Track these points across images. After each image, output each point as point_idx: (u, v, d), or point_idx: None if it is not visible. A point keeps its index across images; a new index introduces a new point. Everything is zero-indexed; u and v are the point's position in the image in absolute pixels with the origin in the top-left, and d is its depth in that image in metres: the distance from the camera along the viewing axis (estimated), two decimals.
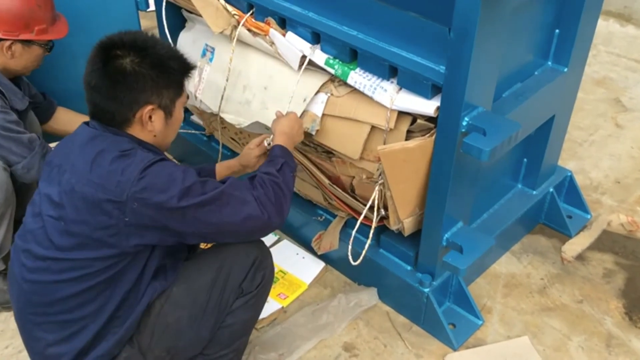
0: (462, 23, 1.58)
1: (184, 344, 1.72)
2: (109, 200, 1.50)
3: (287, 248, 2.46)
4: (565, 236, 2.52)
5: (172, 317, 1.68)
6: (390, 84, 1.86)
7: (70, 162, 1.59)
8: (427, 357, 2.08)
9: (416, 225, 2.05)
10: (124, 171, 1.51)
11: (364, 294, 2.24)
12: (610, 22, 4.05)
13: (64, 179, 1.58)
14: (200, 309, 1.70)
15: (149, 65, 1.58)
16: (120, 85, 1.56)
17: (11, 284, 1.70)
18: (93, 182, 1.52)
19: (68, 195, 1.55)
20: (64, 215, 1.56)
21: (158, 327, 1.67)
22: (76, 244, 1.56)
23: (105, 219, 1.52)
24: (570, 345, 2.12)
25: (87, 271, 1.56)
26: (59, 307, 1.60)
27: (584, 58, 2.23)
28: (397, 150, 1.84)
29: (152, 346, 1.68)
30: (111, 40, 1.60)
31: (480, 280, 2.35)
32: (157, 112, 1.62)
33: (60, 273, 1.58)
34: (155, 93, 1.60)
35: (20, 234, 1.69)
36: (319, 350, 2.10)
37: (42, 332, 1.63)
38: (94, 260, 1.56)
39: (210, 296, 1.71)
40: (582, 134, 3.11)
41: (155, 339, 1.68)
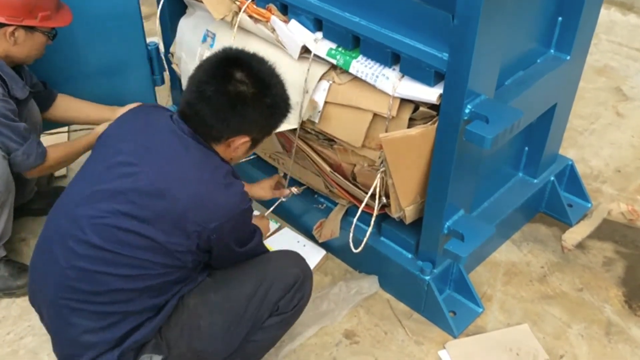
0: (465, 10, 1.57)
1: (212, 350, 1.71)
2: (197, 223, 1.53)
3: (288, 236, 2.46)
4: (565, 225, 2.52)
5: (205, 321, 1.68)
6: (393, 71, 1.85)
7: (157, 163, 1.57)
8: (427, 345, 2.09)
9: (417, 213, 2.05)
10: (226, 203, 1.56)
11: (365, 281, 2.25)
12: (612, 10, 4.03)
13: (143, 177, 1.55)
14: (235, 318, 1.70)
15: (267, 105, 1.62)
16: (235, 111, 1.58)
17: (46, 265, 1.64)
18: (189, 200, 1.53)
19: (151, 199, 1.53)
20: (140, 216, 1.53)
21: (189, 326, 1.67)
22: (144, 246, 1.54)
23: (183, 237, 1.54)
24: (570, 333, 2.13)
25: (146, 272, 1.56)
26: (105, 298, 1.58)
27: (586, 46, 2.22)
28: (399, 138, 1.84)
29: (179, 343, 1.67)
30: (238, 60, 1.61)
31: (481, 268, 2.36)
32: (247, 144, 1.67)
33: (116, 267, 1.55)
34: (258, 128, 1.66)
35: (65, 216, 1.62)
36: (320, 337, 2.11)
37: (80, 318, 1.60)
38: (156, 264, 1.56)
39: (248, 308, 1.71)
40: (583, 122, 3.11)
41: (185, 338, 1.67)
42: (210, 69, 1.60)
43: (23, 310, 2.18)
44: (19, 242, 2.42)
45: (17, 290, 2.21)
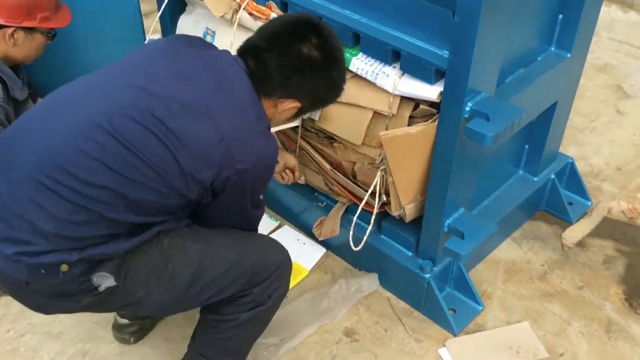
0: (466, 7, 1.57)
1: (165, 297, 1.60)
2: (226, 157, 1.44)
3: (287, 234, 2.46)
4: (565, 223, 2.52)
5: (175, 265, 1.58)
6: (393, 69, 1.85)
7: (209, 83, 1.49)
8: (427, 342, 2.09)
9: (418, 211, 2.05)
10: (261, 148, 1.51)
11: (365, 279, 2.25)
12: (613, 8, 4.02)
13: (190, 90, 1.47)
14: (203, 278, 1.61)
15: (331, 78, 1.61)
16: (301, 73, 1.55)
17: (40, 133, 1.46)
18: (229, 130, 1.45)
19: (191, 114, 1.44)
20: (172, 127, 1.42)
21: (156, 265, 1.56)
22: (162, 157, 1.42)
23: (205, 166, 1.44)
24: (570, 331, 2.13)
25: (147, 183, 1.43)
26: (91, 192, 1.41)
27: (586, 44, 2.21)
28: (399, 136, 1.84)
29: (138, 277, 1.54)
30: (318, 26, 1.57)
31: (481, 266, 2.35)
32: (294, 110, 1.64)
33: (123, 165, 1.41)
34: (312, 99, 1.63)
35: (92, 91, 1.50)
36: (320, 335, 2.11)
37: (52, 202, 1.41)
38: (162, 180, 1.44)
39: (220, 274, 1.62)
40: (584, 120, 3.11)
41: (146, 275, 1.55)
42: (288, 25, 1.57)
43: (23, 307, 2.15)
44: None
45: None
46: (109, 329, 2.10)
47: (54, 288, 1.49)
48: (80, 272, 1.47)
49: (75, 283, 1.48)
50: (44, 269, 1.44)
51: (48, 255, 1.43)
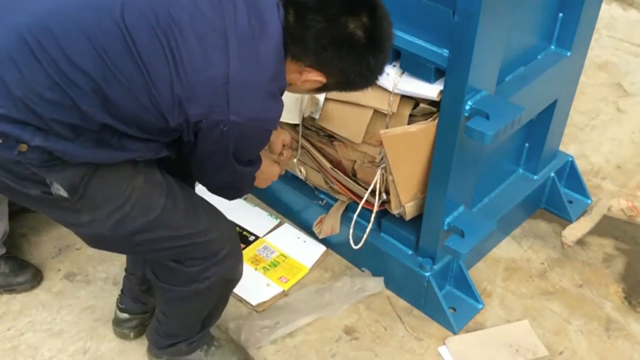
0: (466, 6, 1.57)
1: (105, 232, 1.52)
2: (221, 104, 1.34)
3: (287, 232, 2.46)
4: (565, 221, 2.52)
5: (132, 209, 1.50)
6: (393, 67, 1.85)
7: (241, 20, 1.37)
8: (427, 341, 2.10)
9: (418, 209, 2.05)
10: (264, 110, 1.39)
11: (371, 280, 2.24)
12: (613, 6, 4.02)
13: (215, 16, 1.35)
14: (150, 232, 1.55)
15: (367, 64, 1.45)
16: (338, 47, 1.41)
17: None
18: (236, 79, 1.33)
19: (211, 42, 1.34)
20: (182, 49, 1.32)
21: (114, 197, 1.48)
22: (155, 70, 1.32)
23: (197, 99, 1.34)
24: (570, 329, 2.14)
25: (132, 89, 1.33)
26: (70, 71, 1.31)
27: (587, 42, 2.21)
28: (399, 134, 1.84)
29: (91, 200, 1.47)
30: (375, 6, 1.42)
31: (481, 264, 2.36)
32: (318, 84, 1.51)
33: (110, 57, 1.31)
34: (340, 79, 1.49)
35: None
36: (320, 333, 2.11)
37: (28, 67, 1.31)
38: (147, 95, 1.34)
39: (168, 236, 1.57)
40: (584, 118, 3.11)
41: (99, 200, 1.48)
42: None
43: (23, 305, 2.19)
44: (20, 238, 2.42)
45: (17, 287, 2.21)
46: (110, 326, 2.10)
47: (6, 162, 1.38)
48: (37, 163, 1.38)
49: (29, 170, 1.40)
50: (2, 138, 1.34)
51: (10, 125, 1.33)
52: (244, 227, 2.47)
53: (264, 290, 2.22)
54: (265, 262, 2.33)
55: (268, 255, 2.36)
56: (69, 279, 2.28)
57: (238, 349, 1.97)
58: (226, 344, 1.95)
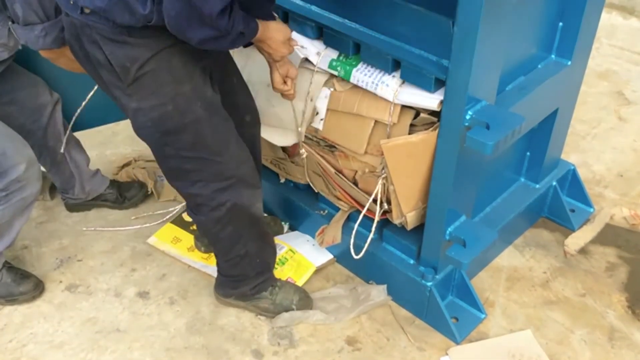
0: (466, 16, 1.57)
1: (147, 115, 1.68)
2: None
3: (298, 236, 2.48)
4: (568, 230, 2.52)
5: (173, 107, 1.67)
6: (393, 78, 1.86)
7: None
8: (429, 351, 2.09)
9: (419, 219, 2.05)
10: None
11: (374, 289, 2.23)
12: (613, 14, 4.03)
13: None
14: (180, 135, 1.71)
15: None
16: None
17: None
18: None
19: None
20: None
21: (164, 89, 1.65)
22: None
23: None
24: (573, 339, 2.13)
25: None
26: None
27: (587, 51, 2.22)
28: (400, 144, 1.84)
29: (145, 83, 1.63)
30: None
31: (483, 273, 2.35)
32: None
33: None
34: None
35: None
36: (322, 343, 2.11)
37: None
38: None
39: (194, 143, 1.73)
40: (585, 127, 3.11)
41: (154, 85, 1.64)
42: None
43: (25, 317, 2.19)
44: (21, 249, 2.42)
45: (19, 297, 2.21)
46: (110, 338, 2.10)
47: (80, 24, 1.58)
48: (102, 29, 1.55)
49: (96, 34, 1.57)
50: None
51: None
52: None
53: None
54: None
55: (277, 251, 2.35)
56: (70, 291, 2.28)
57: (298, 289, 2.19)
58: (287, 284, 2.18)
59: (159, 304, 2.22)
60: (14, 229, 2.15)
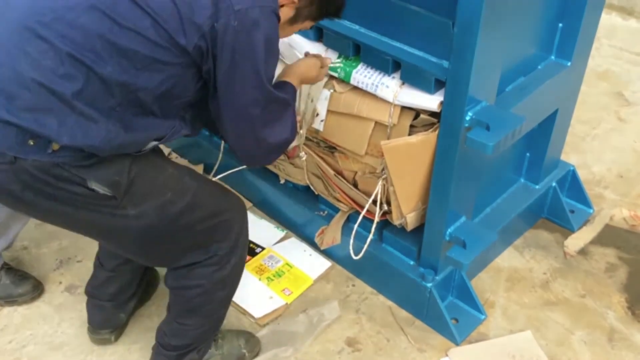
0: (465, 17, 1.57)
1: (153, 222, 1.59)
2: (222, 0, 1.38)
3: (294, 244, 2.46)
4: (567, 230, 2.52)
5: (172, 194, 1.59)
6: (393, 79, 1.86)
7: None
8: (429, 352, 2.09)
9: (419, 220, 2.05)
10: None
11: (325, 308, 2.19)
12: (613, 15, 4.03)
13: None
14: (189, 214, 1.63)
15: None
16: None
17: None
18: None
19: None
20: None
21: (155, 188, 1.57)
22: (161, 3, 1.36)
23: (200, 3, 1.38)
24: (573, 340, 2.13)
25: (138, 30, 1.36)
26: (76, 35, 1.34)
27: (587, 52, 2.22)
28: (400, 145, 1.84)
29: (136, 194, 1.54)
30: None
31: (483, 274, 2.35)
32: (289, 9, 1.56)
33: (115, 11, 1.35)
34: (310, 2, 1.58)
35: None
36: (322, 344, 2.10)
37: (36, 47, 1.34)
38: (155, 30, 1.37)
39: (202, 216, 1.66)
40: (585, 127, 3.11)
41: (143, 192, 1.55)
42: None
43: (25, 318, 2.18)
44: (21, 251, 2.42)
45: (18, 298, 2.21)
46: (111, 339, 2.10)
47: (45, 166, 1.40)
48: (73, 161, 1.41)
49: (68, 172, 1.42)
50: (33, 139, 1.37)
51: (33, 116, 1.34)
52: (250, 239, 2.45)
53: (266, 303, 2.21)
54: (269, 272, 2.32)
55: (273, 265, 2.35)
56: (70, 292, 2.28)
57: (238, 332, 2.05)
58: (226, 331, 2.02)
59: (159, 305, 2.21)
60: (11, 231, 2.15)
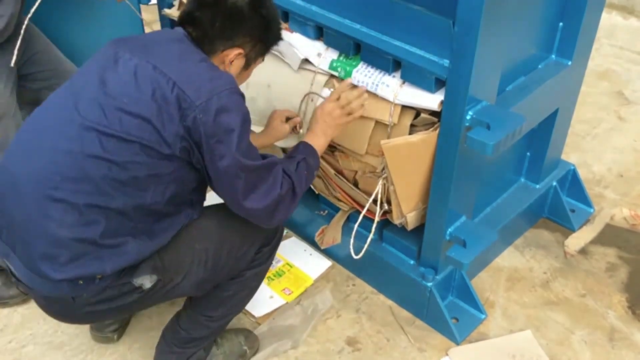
0: (466, 16, 1.57)
1: (198, 276, 1.71)
2: (182, 98, 1.49)
3: (295, 244, 2.46)
4: (568, 230, 2.52)
5: (199, 245, 1.69)
6: (393, 78, 1.85)
7: (151, 53, 1.56)
8: (430, 351, 2.08)
9: (419, 219, 2.05)
10: (213, 80, 1.53)
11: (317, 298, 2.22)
12: (613, 14, 4.03)
13: (132, 63, 1.53)
14: (225, 249, 1.73)
15: (262, 16, 1.65)
16: (231, 21, 1.61)
17: (29, 153, 1.55)
18: (174, 74, 1.51)
19: (139, 77, 1.51)
20: (129, 93, 1.50)
21: (184, 248, 1.67)
22: (133, 125, 1.49)
23: (170, 113, 1.49)
24: (573, 339, 2.12)
25: (133, 159, 1.50)
26: (85, 187, 1.50)
27: (587, 51, 2.22)
28: (400, 144, 1.84)
29: (172, 265, 1.66)
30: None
31: (483, 274, 2.35)
32: (240, 60, 1.67)
33: (106, 150, 1.49)
34: (252, 43, 1.67)
35: (64, 100, 1.58)
36: (322, 344, 2.10)
37: (58, 211, 1.50)
38: (144, 148, 1.50)
39: (238, 241, 1.75)
40: (585, 127, 3.11)
41: (179, 260, 1.67)
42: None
43: (24, 318, 2.18)
44: None
45: (9, 300, 2.20)
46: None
47: (98, 295, 1.58)
48: (117, 277, 1.57)
49: (116, 288, 1.59)
50: (81, 279, 1.53)
51: (79, 264, 1.51)
52: None
53: (267, 302, 2.21)
54: (270, 272, 2.32)
55: (273, 265, 2.35)
56: None
57: (237, 330, 2.07)
58: (225, 330, 2.02)
59: (159, 304, 2.21)
60: None
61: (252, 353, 2.04)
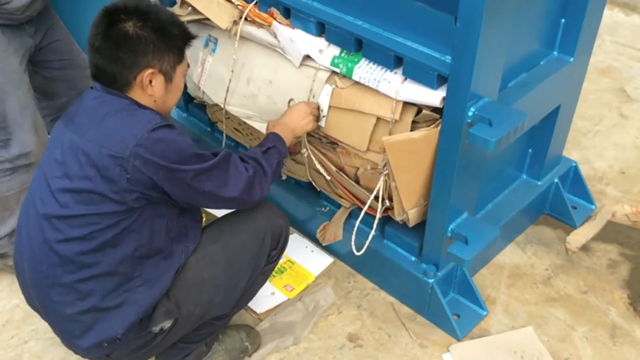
0: (468, 12, 1.57)
1: (218, 299, 1.77)
2: (111, 155, 1.53)
3: (296, 241, 2.46)
4: (569, 227, 2.52)
5: (208, 273, 1.73)
6: (395, 74, 1.85)
7: (75, 124, 1.62)
8: (431, 348, 2.09)
9: (421, 216, 2.05)
10: (132, 128, 1.55)
11: (319, 295, 2.23)
12: (615, 11, 4.02)
13: (66, 138, 1.61)
14: (235, 267, 1.77)
15: (151, 29, 1.61)
16: (123, 48, 1.59)
17: (24, 250, 1.68)
18: (97, 138, 1.56)
19: (71, 152, 1.58)
20: (68, 172, 1.57)
21: (194, 282, 1.72)
22: (81, 200, 1.56)
23: (108, 174, 1.54)
24: (575, 336, 2.13)
25: (95, 228, 1.57)
26: (70, 266, 1.60)
27: (589, 48, 2.21)
28: (402, 141, 1.84)
29: (187, 300, 1.71)
30: (115, 5, 1.63)
31: (485, 270, 2.35)
32: (158, 77, 1.65)
33: (64, 232, 1.59)
34: (157, 57, 1.63)
35: (28, 200, 1.70)
36: (324, 340, 2.11)
37: (58, 295, 1.63)
38: (100, 216, 1.56)
39: (247, 256, 1.79)
40: (587, 124, 3.10)
41: (192, 294, 1.72)
42: (94, 24, 1.63)
43: (26, 314, 2.19)
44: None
45: None
46: None
47: (128, 347, 1.69)
48: (136, 331, 1.66)
49: (140, 339, 1.69)
50: (104, 342, 1.65)
51: (90, 335, 1.64)
52: None
53: (268, 299, 2.22)
54: None
55: None
56: None
57: (238, 327, 2.08)
58: (226, 327, 2.05)
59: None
60: None
61: (254, 349, 2.05)
